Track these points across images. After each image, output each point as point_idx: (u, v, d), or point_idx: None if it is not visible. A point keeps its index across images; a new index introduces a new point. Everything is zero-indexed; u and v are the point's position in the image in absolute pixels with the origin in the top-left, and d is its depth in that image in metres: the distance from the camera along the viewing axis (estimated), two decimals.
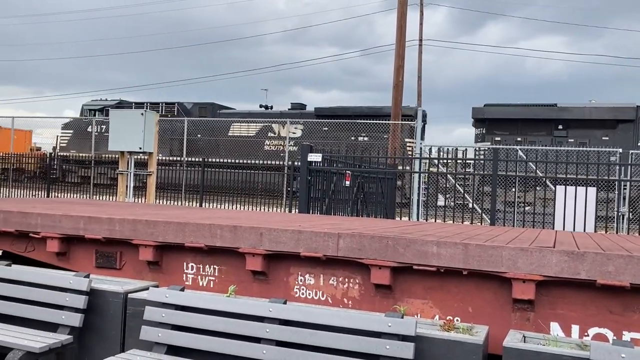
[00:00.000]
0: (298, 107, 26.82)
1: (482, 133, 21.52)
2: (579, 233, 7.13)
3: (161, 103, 27.81)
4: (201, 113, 27.28)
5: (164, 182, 18.63)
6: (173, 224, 5.28)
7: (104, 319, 4.64)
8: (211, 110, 27.29)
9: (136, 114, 10.87)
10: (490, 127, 21.21)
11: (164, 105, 27.62)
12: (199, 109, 27.58)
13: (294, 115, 24.87)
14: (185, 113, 26.89)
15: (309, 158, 10.11)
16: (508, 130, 20.80)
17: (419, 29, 30.45)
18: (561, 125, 20.25)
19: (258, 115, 26.26)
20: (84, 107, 29.59)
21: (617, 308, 4.11)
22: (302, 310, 4.05)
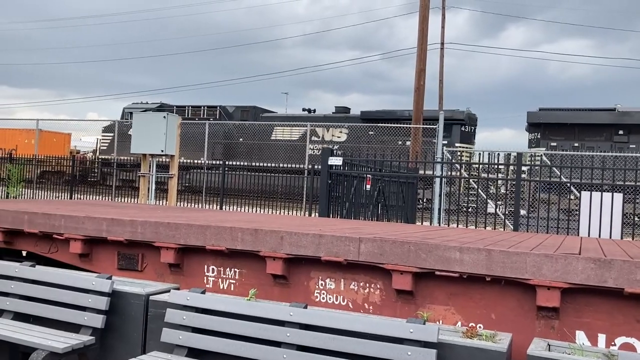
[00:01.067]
0: (342, 111, 26.23)
1: (537, 138, 20.92)
2: (604, 240, 6.99)
3: (203, 106, 27.60)
4: (243, 116, 26.88)
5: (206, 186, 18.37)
6: (194, 227, 5.30)
7: (125, 320, 4.67)
8: (253, 114, 26.90)
9: (159, 117, 10.97)
10: (545, 132, 20.65)
11: (205, 109, 27.40)
12: (241, 112, 27.20)
13: (339, 119, 24.31)
14: (227, 116, 26.57)
15: (330, 162, 10.09)
16: (564, 136, 20.22)
17: (441, 33, 30.30)
18: (622, 130, 19.59)
19: (301, 118, 25.61)
20: (125, 110, 29.35)
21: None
22: (322, 315, 4.02)
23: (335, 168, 10.06)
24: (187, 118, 26.67)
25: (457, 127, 22.54)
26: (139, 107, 28.92)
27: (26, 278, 4.97)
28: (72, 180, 20.05)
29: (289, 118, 25.91)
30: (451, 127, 22.08)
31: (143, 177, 11.38)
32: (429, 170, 14.98)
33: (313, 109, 27.17)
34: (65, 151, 29.28)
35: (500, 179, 10.34)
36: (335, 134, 23.55)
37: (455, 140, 21.98)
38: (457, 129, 22.56)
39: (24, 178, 20.28)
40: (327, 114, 26.13)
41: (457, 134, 22.47)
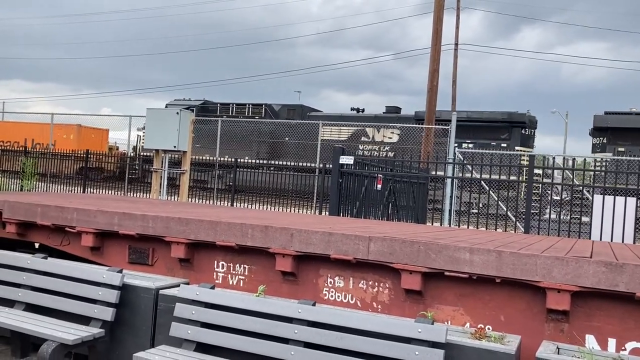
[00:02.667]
0: (393, 111, 25.20)
1: (603, 143, 20.18)
2: (616, 244, 6.93)
3: (248, 104, 27.03)
4: (289, 115, 26.12)
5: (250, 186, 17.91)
6: (205, 223, 5.32)
7: (135, 314, 4.71)
8: (300, 113, 26.04)
9: (171, 113, 11.02)
10: (612, 136, 19.91)
11: (250, 107, 26.83)
12: (287, 110, 26.52)
13: (390, 120, 23.47)
14: (273, 115, 25.96)
15: (341, 160, 10.09)
16: (631, 140, 19.47)
17: (455, 33, 30.18)
18: None
19: (350, 118, 24.79)
20: (167, 107, 28.52)
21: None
22: (331, 313, 4.03)
23: (347, 167, 10.06)
24: (231, 116, 26.20)
25: (517, 130, 21.26)
26: (181, 103, 28.18)
27: (38, 270, 5.03)
28: (84, 174, 20.14)
29: (337, 117, 24.93)
30: (511, 130, 21.17)
31: (155, 173, 11.45)
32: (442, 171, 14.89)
33: (362, 109, 26.34)
34: (104, 147, 29.06)
35: (509, 180, 10.28)
36: (386, 135, 22.68)
37: (515, 143, 20.84)
38: (517, 131, 21.27)
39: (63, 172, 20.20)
40: (378, 113, 25.06)
41: (517, 137, 21.19)
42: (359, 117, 24.93)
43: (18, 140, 25.99)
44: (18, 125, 27.76)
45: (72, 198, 8.13)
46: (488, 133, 20.79)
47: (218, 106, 27.37)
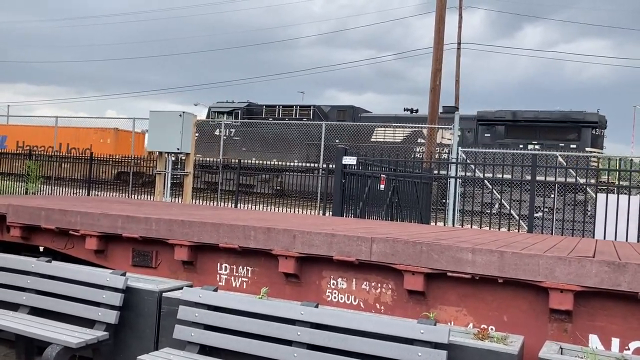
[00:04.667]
0: (451, 111, 23.60)
1: None
2: (620, 243, 6.91)
3: (295, 106, 26.23)
4: (339, 117, 25.09)
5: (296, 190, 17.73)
6: (208, 225, 5.34)
7: (139, 316, 4.72)
8: (351, 114, 25.09)
9: (174, 115, 11.05)
10: None
11: (297, 108, 25.99)
12: (337, 112, 25.55)
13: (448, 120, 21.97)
14: (322, 116, 25.06)
15: (344, 161, 10.09)
16: None
17: (458, 33, 30.15)
18: None
19: (404, 119, 23.59)
20: (211, 110, 27.79)
21: None
22: (334, 314, 4.04)
23: (350, 167, 10.06)
24: (277, 118, 25.49)
25: (587, 130, 19.99)
26: (225, 106, 27.57)
27: (42, 273, 5.05)
28: (88, 177, 20.13)
29: (391, 119, 23.82)
30: (580, 130, 19.95)
31: (159, 175, 11.48)
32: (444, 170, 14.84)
33: (416, 109, 25.24)
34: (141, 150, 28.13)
35: (512, 179, 10.26)
36: (445, 136, 21.32)
37: (586, 144, 19.68)
38: (587, 132, 20.00)
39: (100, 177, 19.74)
40: None
41: (588, 138, 19.89)
42: (413, 118, 23.61)
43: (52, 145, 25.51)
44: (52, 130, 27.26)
45: (76, 201, 8.16)
46: (556, 134, 19.75)
47: (263, 108, 26.58)
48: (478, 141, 20.81)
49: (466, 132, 21.52)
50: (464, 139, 21.28)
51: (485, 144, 19.85)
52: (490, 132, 20.86)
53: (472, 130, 21.49)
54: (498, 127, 20.70)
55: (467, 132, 21.53)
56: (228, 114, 26.70)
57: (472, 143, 20.45)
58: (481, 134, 21.10)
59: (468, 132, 21.52)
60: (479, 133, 21.18)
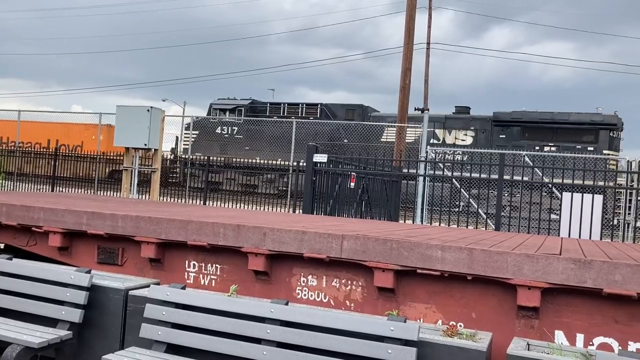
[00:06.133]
0: (464, 111, 23.24)
1: None
2: (584, 240, 7.06)
3: (301, 104, 25.44)
4: (348, 116, 24.41)
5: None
6: (176, 222, 5.25)
7: (104, 315, 4.61)
8: (360, 113, 24.39)
9: (142, 110, 10.86)
10: None
11: (304, 107, 25.19)
12: (346, 111, 24.79)
13: (462, 121, 21.92)
14: (330, 115, 24.47)
15: (315, 159, 10.08)
16: None
17: (427, 33, 30.40)
18: None
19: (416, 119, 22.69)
20: (212, 107, 26.32)
21: (623, 318, 4.05)
22: (303, 312, 4.01)
23: (320, 165, 10.05)
24: (282, 116, 24.72)
25: (605, 133, 19.77)
26: (226, 103, 26.53)
27: (3, 271, 4.89)
28: (53, 174, 19.64)
29: None
30: (598, 133, 19.74)
31: (126, 171, 11.27)
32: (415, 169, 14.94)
33: (427, 108, 24.68)
34: None
35: (481, 178, 10.40)
36: (459, 137, 21.19)
37: (603, 147, 19.43)
38: (605, 134, 19.76)
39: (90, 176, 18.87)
40: (448, 114, 23.07)
41: (606, 140, 19.65)
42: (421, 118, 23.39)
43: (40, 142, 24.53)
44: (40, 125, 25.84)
45: (39, 197, 7.94)
46: (573, 136, 19.58)
47: (267, 106, 25.88)
48: (492, 142, 20.47)
49: (480, 133, 21.20)
50: (478, 140, 20.97)
51: (499, 145, 19.47)
52: (505, 133, 20.55)
53: (487, 131, 21.13)
54: (513, 128, 20.42)
55: (481, 132, 21.20)
56: (230, 111, 25.86)
57: (486, 144, 20.15)
58: (496, 135, 20.75)
59: (482, 133, 21.18)
60: (494, 134, 20.81)
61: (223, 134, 24.60)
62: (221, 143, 24.26)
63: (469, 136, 21.45)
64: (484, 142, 20.63)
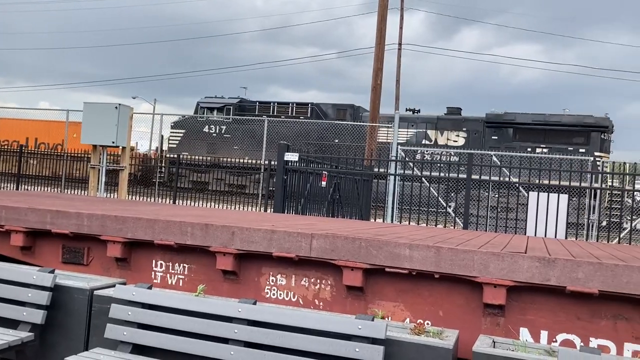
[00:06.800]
0: (455, 112, 23.21)
1: None
2: (550, 239, 7.19)
3: (292, 103, 25.14)
4: (339, 115, 24.31)
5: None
6: (143, 221, 5.17)
7: (68, 316, 4.51)
8: (352, 113, 24.33)
9: (110, 107, 10.69)
10: None
11: (294, 106, 24.91)
12: (337, 111, 24.60)
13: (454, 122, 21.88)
14: (321, 115, 24.19)
15: (286, 157, 10.05)
16: None
17: (399, 33, 30.58)
18: None
19: (408, 120, 22.94)
20: (200, 105, 26.12)
21: (585, 314, 4.14)
22: (271, 311, 3.98)
23: (292, 164, 10.03)
24: (272, 115, 24.30)
25: (596, 135, 20.02)
26: (214, 101, 26.09)
27: None
28: (18, 171, 19.18)
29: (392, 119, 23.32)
30: (589, 135, 19.95)
31: (93, 169, 11.07)
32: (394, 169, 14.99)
33: (418, 109, 24.57)
34: None
35: (449, 177, 10.51)
36: (451, 138, 21.24)
37: (595, 149, 19.62)
38: (596, 136, 20.00)
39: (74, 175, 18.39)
40: (440, 115, 23.10)
41: (597, 143, 19.87)
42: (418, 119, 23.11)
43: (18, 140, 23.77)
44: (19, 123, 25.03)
45: (2, 195, 7.74)
46: (565, 137, 19.75)
47: (256, 105, 25.56)
48: (485, 143, 20.50)
49: (472, 134, 21.19)
50: (470, 141, 20.93)
51: (492, 147, 19.51)
52: (497, 135, 20.65)
53: (479, 132, 21.16)
54: (506, 130, 20.50)
55: (473, 133, 21.19)
56: (218, 110, 25.49)
57: (478, 145, 20.13)
58: (488, 136, 20.81)
59: (474, 134, 21.19)
60: (486, 135, 20.86)
61: (211, 132, 24.26)
62: (209, 142, 23.94)
63: (461, 137, 21.57)
64: (476, 143, 20.74)
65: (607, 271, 3.99)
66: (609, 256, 4.64)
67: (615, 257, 4.53)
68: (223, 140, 24.20)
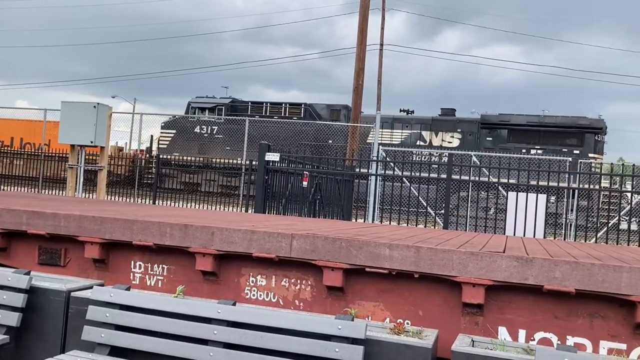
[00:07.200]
0: (450, 113, 23.16)
1: None
2: (528, 239, 7.27)
3: (284, 104, 24.83)
4: (332, 116, 24.04)
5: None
6: (121, 221, 5.11)
7: (44, 318, 4.44)
8: (345, 114, 23.79)
9: (88, 107, 10.56)
10: None
11: (287, 107, 24.57)
12: (331, 111, 24.31)
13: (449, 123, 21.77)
14: (315, 115, 23.87)
15: (267, 157, 10.02)
16: None
17: (380, 34, 30.69)
18: None
19: (402, 120, 22.96)
20: (191, 105, 25.74)
21: (562, 313, 4.19)
22: (251, 312, 3.97)
23: (273, 164, 10.00)
24: (264, 116, 24.08)
25: (590, 136, 20.13)
26: (205, 101, 25.71)
27: None
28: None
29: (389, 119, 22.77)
30: (584, 136, 20.05)
31: (71, 169, 10.93)
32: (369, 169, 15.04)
33: (411, 110, 24.44)
34: None
35: (430, 178, 10.57)
36: (445, 139, 21.23)
37: (589, 150, 19.72)
38: (590, 137, 20.11)
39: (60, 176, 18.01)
40: (435, 116, 23.06)
41: (591, 144, 19.97)
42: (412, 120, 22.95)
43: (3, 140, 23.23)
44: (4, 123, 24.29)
45: None
46: (560, 139, 19.83)
47: (249, 105, 25.24)
48: (480, 145, 20.54)
49: (467, 135, 21.19)
50: (466, 142, 20.91)
51: (487, 148, 19.59)
52: (492, 136, 20.71)
53: (474, 133, 21.21)
54: (501, 131, 20.56)
55: (468, 135, 21.20)
56: (210, 110, 25.16)
57: (473, 147, 20.15)
58: (483, 137, 20.87)
59: (469, 135, 21.20)
60: (481, 136, 20.92)
61: (202, 133, 24.01)
62: (200, 143, 23.71)
63: (456, 138, 21.60)
64: (471, 144, 20.77)
65: (584, 270, 4.04)
66: (586, 255, 4.70)
67: (591, 257, 4.60)
68: (215, 141, 23.97)
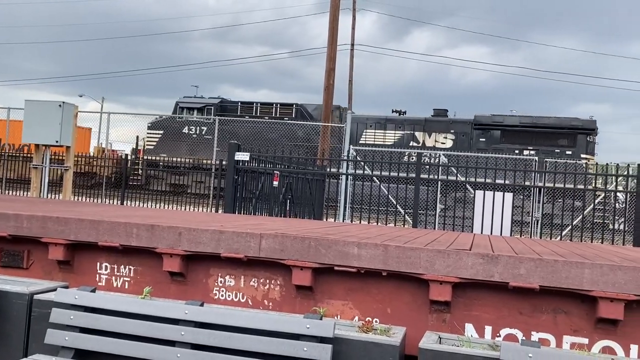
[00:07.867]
0: (442, 114, 23.04)
1: None
2: (495, 236, 7.39)
3: (275, 104, 24.34)
4: None
5: None
6: (86, 222, 5.02)
7: (5, 322, 4.34)
8: (338, 115, 23.76)
9: (54, 105, 10.34)
10: None
11: (278, 107, 24.15)
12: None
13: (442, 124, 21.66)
14: (306, 116, 23.51)
15: (237, 157, 9.97)
16: None
17: (351, 34, 30.81)
18: None
19: (395, 121, 22.69)
20: (178, 105, 25.22)
21: (526, 309, 4.26)
22: (218, 313, 3.94)
23: (242, 164, 9.95)
24: (254, 116, 23.67)
25: (582, 137, 20.23)
26: (193, 101, 25.21)
27: None
28: None
29: (380, 120, 22.62)
30: (576, 137, 20.16)
31: (35, 169, 10.68)
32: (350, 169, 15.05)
33: (404, 111, 24.21)
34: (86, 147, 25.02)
35: (405, 177, 10.65)
36: (439, 140, 21.16)
37: (581, 151, 19.84)
38: (582, 138, 20.21)
39: None
40: (428, 117, 22.85)
41: (583, 145, 20.08)
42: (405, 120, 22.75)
43: None
44: None
45: None
46: (552, 140, 19.97)
47: (238, 105, 24.83)
48: (473, 145, 20.64)
49: (461, 136, 21.23)
50: (458, 143, 20.95)
51: (480, 149, 19.67)
52: (485, 137, 20.84)
53: (467, 134, 21.29)
54: (494, 132, 20.72)
55: (461, 135, 21.24)
56: (198, 110, 24.73)
57: (466, 147, 20.20)
58: (476, 138, 20.98)
59: (463, 136, 21.24)
60: (474, 137, 21.02)
61: (191, 134, 23.65)
62: (189, 143, 23.36)
63: (449, 139, 21.65)
64: (464, 145, 20.86)
65: (547, 267, 4.12)
66: (550, 252, 4.80)
67: (555, 254, 4.69)
68: (204, 142, 23.57)
